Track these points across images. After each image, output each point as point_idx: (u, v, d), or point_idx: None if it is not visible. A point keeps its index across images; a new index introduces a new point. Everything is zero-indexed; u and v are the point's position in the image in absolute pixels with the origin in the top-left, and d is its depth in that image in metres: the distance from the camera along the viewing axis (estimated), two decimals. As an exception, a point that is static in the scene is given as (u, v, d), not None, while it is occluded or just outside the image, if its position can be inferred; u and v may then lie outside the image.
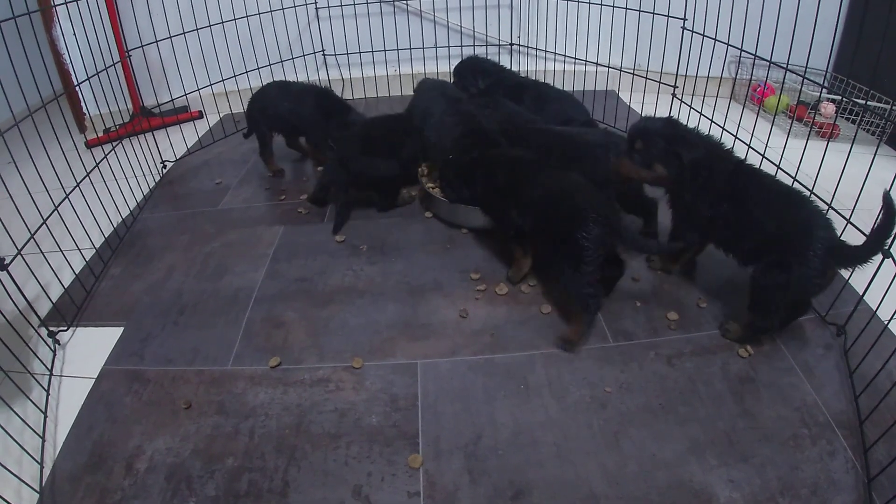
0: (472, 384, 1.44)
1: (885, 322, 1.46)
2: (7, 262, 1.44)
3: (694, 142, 1.52)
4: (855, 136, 1.69)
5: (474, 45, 3.28)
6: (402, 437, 1.32)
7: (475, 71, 2.55)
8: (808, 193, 1.50)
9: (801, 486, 1.18)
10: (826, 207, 1.48)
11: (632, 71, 2.70)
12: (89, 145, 2.83)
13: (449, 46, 3.20)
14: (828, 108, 2.76)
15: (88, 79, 2.14)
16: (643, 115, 2.79)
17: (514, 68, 2.92)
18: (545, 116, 2.25)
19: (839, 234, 1.41)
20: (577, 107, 2.40)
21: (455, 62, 2.66)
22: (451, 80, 2.61)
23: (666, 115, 2.35)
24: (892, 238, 1.29)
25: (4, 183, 1.55)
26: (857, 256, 1.34)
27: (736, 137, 2.00)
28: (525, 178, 1.70)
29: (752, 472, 1.21)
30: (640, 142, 1.58)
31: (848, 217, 1.54)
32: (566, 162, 1.78)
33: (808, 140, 1.79)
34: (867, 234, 1.33)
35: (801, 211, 1.41)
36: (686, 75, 2.43)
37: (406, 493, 1.20)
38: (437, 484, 1.21)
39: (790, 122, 2.55)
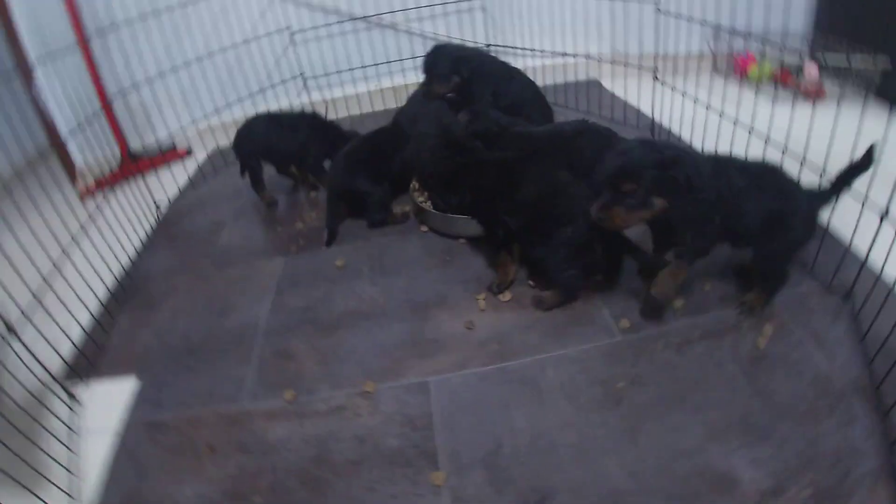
0: (485, 395, 1.45)
1: (892, 284, 1.45)
2: (12, 325, 1.46)
3: (684, 158, 1.32)
4: (840, 96, 1.69)
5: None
6: (422, 456, 1.32)
7: (453, 60, 2.23)
8: (776, 161, 1.54)
9: (823, 458, 1.17)
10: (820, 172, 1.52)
11: (611, 59, 2.70)
12: (83, 196, 2.84)
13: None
14: (812, 72, 2.75)
15: (75, 130, 2.16)
16: (620, 137, 2.67)
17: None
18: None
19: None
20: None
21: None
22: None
23: (642, 135, 2.35)
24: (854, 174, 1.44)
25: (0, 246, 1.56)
26: (830, 193, 1.49)
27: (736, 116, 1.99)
28: (513, 179, 1.71)
29: (772, 450, 1.20)
30: (629, 184, 1.32)
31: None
32: (551, 160, 1.78)
33: (793, 105, 1.78)
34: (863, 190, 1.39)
35: (781, 179, 1.46)
36: (666, 56, 2.43)
37: (433, 512, 1.20)
38: (463, 498, 1.22)
39: (775, 89, 2.54)
